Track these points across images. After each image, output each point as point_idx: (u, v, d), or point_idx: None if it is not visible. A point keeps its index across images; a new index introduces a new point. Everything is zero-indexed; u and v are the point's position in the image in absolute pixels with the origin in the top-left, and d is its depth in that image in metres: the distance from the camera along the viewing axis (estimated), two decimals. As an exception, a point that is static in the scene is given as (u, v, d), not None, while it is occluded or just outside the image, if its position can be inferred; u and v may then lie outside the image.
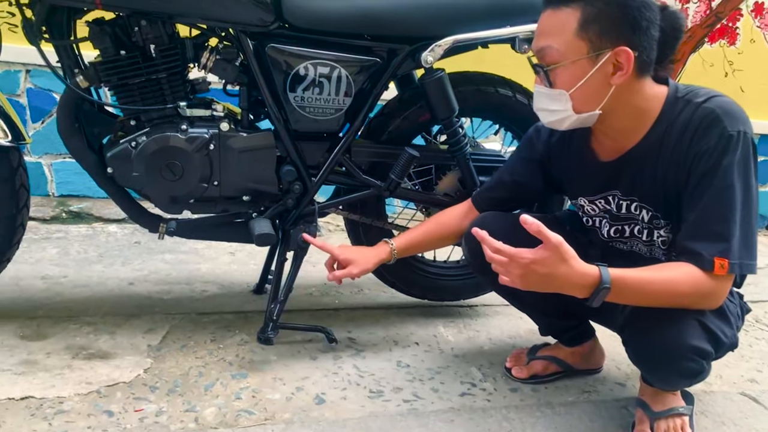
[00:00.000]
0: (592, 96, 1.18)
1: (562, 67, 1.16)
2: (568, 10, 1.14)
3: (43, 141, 2.40)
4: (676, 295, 1.14)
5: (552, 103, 1.20)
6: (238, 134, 1.50)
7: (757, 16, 3.05)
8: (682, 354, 1.17)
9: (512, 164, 1.51)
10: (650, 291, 1.14)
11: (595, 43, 1.13)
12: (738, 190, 1.12)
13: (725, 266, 1.11)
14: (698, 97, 1.18)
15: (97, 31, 1.39)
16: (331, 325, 1.71)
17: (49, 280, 1.87)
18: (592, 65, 1.14)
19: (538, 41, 1.19)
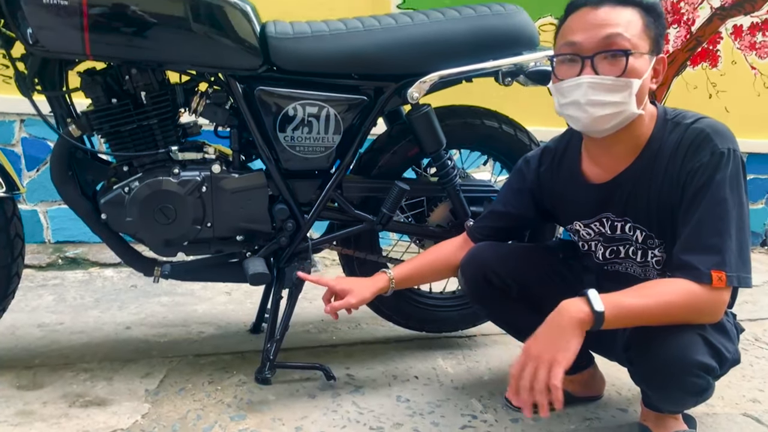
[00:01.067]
0: (644, 95, 1.21)
1: (634, 56, 1.16)
2: (630, 9, 1.19)
3: (38, 189, 2.42)
4: (673, 312, 1.15)
5: (611, 94, 1.17)
6: (230, 175, 1.52)
7: (737, 39, 3.11)
8: (687, 370, 1.17)
9: (504, 195, 1.53)
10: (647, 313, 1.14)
11: (653, 45, 1.20)
12: (731, 205, 1.15)
13: (723, 278, 1.12)
14: (687, 119, 1.23)
15: (89, 81, 1.42)
16: (330, 361, 1.70)
17: (45, 327, 1.86)
18: (649, 64, 1.19)
19: (602, 29, 1.16)
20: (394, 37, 1.51)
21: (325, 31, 1.49)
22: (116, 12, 1.32)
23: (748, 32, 3.12)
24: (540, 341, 1.14)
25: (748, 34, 3.13)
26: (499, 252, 1.47)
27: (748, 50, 3.15)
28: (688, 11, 3.00)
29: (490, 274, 1.44)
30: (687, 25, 3.01)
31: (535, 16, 2.65)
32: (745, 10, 3.09)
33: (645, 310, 1.14)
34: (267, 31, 1.47)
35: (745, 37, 3.13)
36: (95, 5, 1.30)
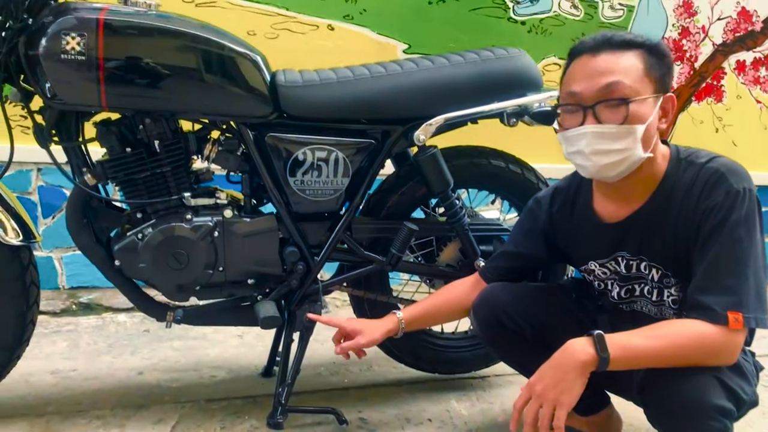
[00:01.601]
0: (649, 138, 1.20)
1: (635, 103, 1.16)
2: (631, 52, 1.19)
3: (53, 235, 2.46)
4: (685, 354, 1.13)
5: (614, 142, 1.17)
6: (242, 220, 1.54)
7: (740, 73, 3.15)
8: (704, 413, 1.14)
9: (515, 236, 1.53)
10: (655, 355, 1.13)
11: (659, 86, 1.19)
12: (746, 244, 1.14)
13: (740, 320, 1.11)
14: (700, 158, 1.23)
15: (104, 131, 1.46)
16: (342, 404, 1.69)
17: (58, 374, 1.87)
18: (653, 107, 1.19)
19: (601, 78, 1.17)
20: (400, 83, 1.55)
21: (333, 78, 1.53)
22: (131, 65, 1.37)
23: (752, 67, 3.16)
24: (544, 380, 1.14)
25: (752, 69, 3.16)
26: (511, 293, 1.46)
27: (752, 84, 3.18)
28: (690, 48, 3.04)
29: (503, 316, 1.43)
30: (690, 62, 3.05)
31: (538, 57, 2.71)
32: (747, 45, 3.13)
33: (653, 352, 1.13)
34: (277, 80, 1.51)
35: (749, 72, 3.16)
36: (111, 59, 1.35)
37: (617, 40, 1.21)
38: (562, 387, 1.11)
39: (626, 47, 1.19)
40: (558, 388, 1.11)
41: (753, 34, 3.12)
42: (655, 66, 1.19)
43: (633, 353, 1.13)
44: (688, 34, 3.02)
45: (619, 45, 1.20)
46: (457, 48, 2.60)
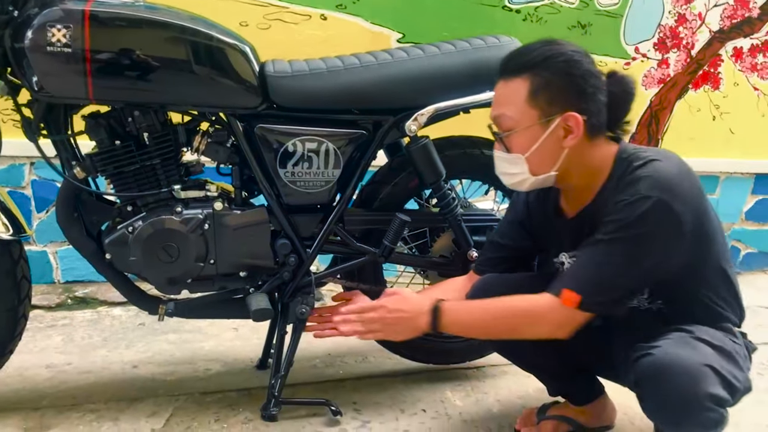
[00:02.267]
0: (547, 159, 1.24)
1: (516, 133, 1.24)
2: (518, 80, 1.21)
3: (48, 229, 2.45)
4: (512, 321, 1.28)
5: (510, 166, 1.27)
6: (232, 212, 1.53)
7: (738, 60, 3.12)
8: (700, 404, 1.15)
9: (501, 226, 1.55)
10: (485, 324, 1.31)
11: (545, 110, 1.21)
12: (620, 247, 1.17)
13: (574, 300, 1.19)
14: (638, 159, 1.22)
15: (93, 124, 1.45)
16: (336, 396, 1.69)
17: (53, 368, 1.87)
18: (543, 130, 1.21)
19: (493, 110, 1.28)
20: (390, 73, 1.53)
21: (322, 68, 1.52)
22: (118, 57, 1.36)
23: (749, 54, 3.13)
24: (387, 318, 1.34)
25: (749, 56, 3.14)
26: (503, 284, 1.45)
27: (749, 72, 3.16)
28: (687, 35, 3.02)
29: None
30: (687, 49, 3.03)
31: (533, 45, 2.69)
32: (744, 32, 3.10)
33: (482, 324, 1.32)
34: (266, 70, 1.50)
35: (746, 59, 3.14)
36: (98, 51, 1.33)
37: (512, 65, 1.24)
38: (389, 331, 1.35)
39: (517, 73, 1.22)
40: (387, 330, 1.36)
41: (750, 21, 3.09)
42: (544, 89, 1.20)
43: (463, 326, 1.34)
44: (685, 21, 2.99)
45: (511, 71, 1.23)
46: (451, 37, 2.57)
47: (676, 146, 3.10)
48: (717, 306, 1.29)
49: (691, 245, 1.20)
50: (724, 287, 1.30)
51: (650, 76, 3.00)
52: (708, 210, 1.23)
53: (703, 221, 1.21)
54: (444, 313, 1.30)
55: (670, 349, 1.17)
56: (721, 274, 1.29)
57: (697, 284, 1.28)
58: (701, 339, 1.21)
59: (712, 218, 1.25)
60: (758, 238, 3.36)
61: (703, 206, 1.22)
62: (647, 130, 3.06)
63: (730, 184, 3.25)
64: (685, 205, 1.16)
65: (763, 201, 3.33)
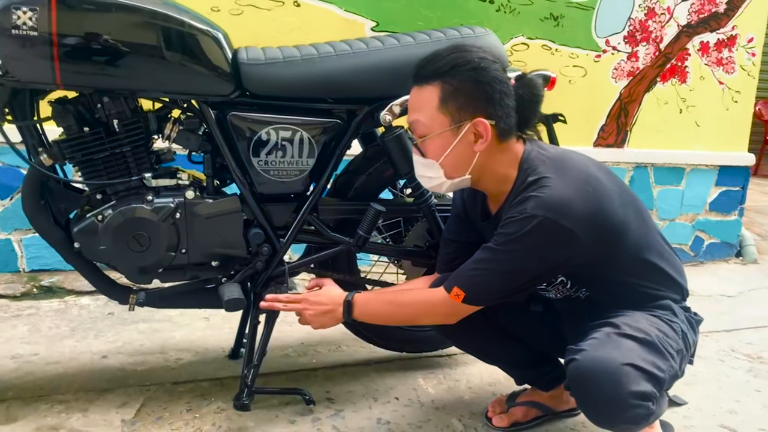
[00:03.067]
0: (460, 163, 1.28)
1: (429, 139, 1.28)
2: (429, 87, 1.25)
3: (13, 217, 2.39)
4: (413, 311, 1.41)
5: (427, 170, 1.32)
6: (204, 201, 1.51)
7: (704, 55, 3.19)
8: (625, 402, 1.18)
9: (448, 224, 1.57)
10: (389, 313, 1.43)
11: (455, 116, 1.24)
12: (501, 255, 1.25)
13: (460, 295, 1.30)
14: (534, 173, 1.27)
15: (60, 110, 1.41)
16: (310, 385, 1.69)
17: (19, 359, 1.83)
18: (455, 136, 1.25)
19: (409, 116, 1.32)
20: (365, 62, 1.53)
21: (296, 56, 1.51)
22: (86, 41, 1.32)
23: (715, 48, 3.21)
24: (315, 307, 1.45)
25: (715, 50, 3.21)
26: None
27: (715, 66, 3.23)
28: (656, 29, 3.07)
29: None
30: (656, 43, 3.09)
31: (506, 37, 2.70)
32: (710, 27, 3.17)
33: (389, 315, 1.45)
34: (239, 57, 1.48)
35: (712, 53, 3.21)
36: (65, 35, 1.30)
37: (423, 73, 1.27)
38: (316, 319, 1.46)
39: (428, 80, 1.26)
40: (315, 318, 1.46)
41: (716, 16, 3.16)
42: (452, 96, 1.23)
43: (372, 316, 1.45)
44: (654, 14, 3.04)
45: (423, 79, 1.27)
46: (425, 26, 2.58)
47: (643, 138, 3.17)
48: (647, 288, 1.35)
49: (592, 246, 1.23)
50: (652, 272, 1.35)
51: (620, 68, 3.05)
52: (611, 210, 1.26)
53: (603, 224, 1.24)
54: (355, 305, 1.42)
55: (592, 352, 1.22)
56: (641, 261, 1.33)
57: (614, 273, 1.33)
58: (625, 334, 1.24)
59: (619, 214, 1.27)
60: (721, 229, 3.46)
61: (604, 209, 1.25)
62: (616, 122, 3.11)
63: (695, 175, 3.33)
64: (575, 218, 1.20)
65: (727, 192, 3.42)
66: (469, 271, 1.31)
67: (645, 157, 3.19)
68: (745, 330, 2.36)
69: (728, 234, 3.49)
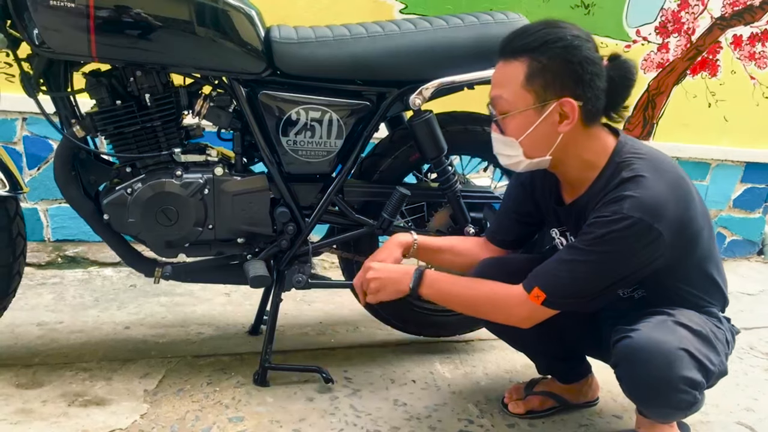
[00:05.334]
0: (541, 143, 1.24)
1: (511, 116, 1.23)
2: (516, 62, 1.20)
3: (39, 187, 2.42)
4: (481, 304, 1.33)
5: (506, 148, 1.27)
6: (232, 178, 1.53)
7: (736, 48, 3.13)
8: (674, 386, 1.19)
9: (511, 190, 1.53)
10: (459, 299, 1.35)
11: (540, 95, 1.20)
12: (594, 258, 1.19)
13: (540, 297, 1.23)
14: (629, 168, 1.22)
15: (94, 82, 1.43)
16: (328, 364, 1.71)
17: (44, 326, 1.87)
18: (538, 115, 1.21)
19: (491, 91, 1.27)
20: (397, 44, 1.52)
21: (329, 36, 1.50)
22: (122, 15, 1.33)
23: (748, 42, 3.14)
24: (379, 278, 1.37)
25: (748, 44, 3.14)
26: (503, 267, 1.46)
27: (747, 60, 3.17)
28: (688, 20, 3.01)
29: None
30: (687, 34, 3.03)
31: (536, 23, 2.66)
32: (744, 20, 3.10)
33: (457, 298, 1.35)
34: (271, 36, 1.48)
35: (745, 47, 3.14)
36: (102, 8, 1.31)
37: (511, 47, 1.22)
38: (382, 291, 1.37)
39: (515, 55, 1.21)
40: (380, 290, 1.37)
41: (751, 9, 3.09)
42: (540, 73, 1.18)
43: (440, 294, 1.35)
44: (687, 5, 2.98)
45: (510, 53, 1.22)
46: (454, 10, 2.55)
47: (670, 132, 3.12)
48: (699, 299, 1.33)
49: (671, 251, 1.21)
50: (707, 282, 1.34)
51: (650, 59, 3.00)
52: (694, 217, 1.24)
53: (685, 229, 1.22)
54: (425, 278, 1.34)
55: (647, 332, 1.21)
56: (702, 273, 1.32)
57: (676, 280, 1.30)
58: (680, 323, 1.24)
59: (699, 222, 1.26)
60: (744, 226, 3.42)
61: (689, 215, 1.23)
62: (643, 114, 3.07)
63: (721, 171, 3.28)
64: (667, 221, 1.17)
65: (752, 189, 3.37)
66: (552, 271, 1.24)
67: (671, 150, 3.14)
68: (764, 328, 2.34)
69: (751, 231, 3.45)
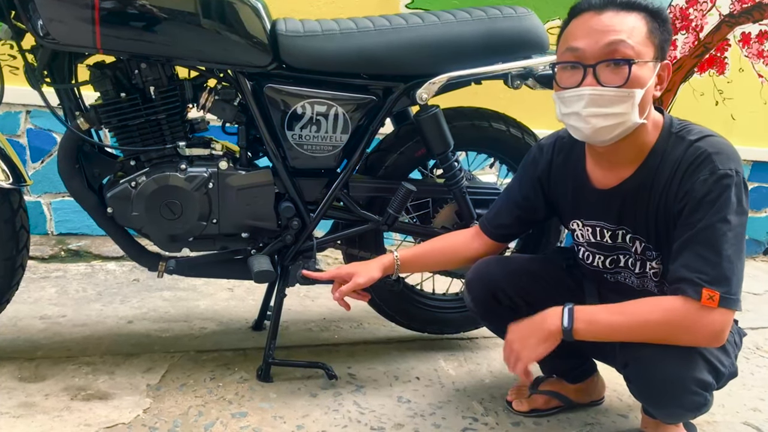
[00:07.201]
0: (647, 104, 1.19)
1: (638, 64, 1.13)
2: (635, 14, 1.16)
3: (43, 180, 2.42)
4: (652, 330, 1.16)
5: (613, 105, 1.15)
6: (237, 172, 1.51)
7: (745, 46, 3.11)
8: (685, 387, 1.17)
9: (513, 184, 1.50)
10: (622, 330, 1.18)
11: (658, 51, 1.17)
12: (728, 226, 1.14)
13: (715, 298, 1.11)
14: (691, 134, 1.20)
15: (98, 74, 1.42)
16: (331, 360, 1.70)
17: (47, 319, 1.86)
18: (653, 71, 1.17)
19: (606, 36, 1.13)
20: (404, 38, 1.50)
21: (335, 30, 1.49)
22: (128, 6, 1.32)
23: (756, 40, 3.12)
24: (517, 333, 1.27)
25: (756, 42, 3.12)
26: (505, 268, 1.46)
27: (755, 58, 3.15)
28: (696, 17, 2.99)
29: (499, 293, 1.43)
30: (695, 32, 3.01)
31: (544, 18, 2.65)
32: (753, 18, 3.08)
33: (618, 327, 1.18)
34: (277, 29, 1.47)
35: (753, 45, 3.12)
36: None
37: (629, 1, 1.17)
38: (527, 345, 1.24)
39: (631, 8, 1.16)
40: (524, 344, 1.24)
41: (760, 6, 3.07)
42: (657, 31, 1.17)
43: (598, 328, 1.19)
44: (696, 2, 2.96)
45: (624, 5, 1.16)
46: (460, 4, 2.54)
47: (676, 129, 3.10)
48: None
49: None
50: None
51: (657, 57, 2.98)
52: None
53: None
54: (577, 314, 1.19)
55: None
56: None
57: None
58: None
59: None
60: (750, 225, 3.38)
61: None
62: (650, 111, 3.05)
63: (727, 170, 3.26)
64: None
65: (759, 188, 3.35)
66: (703, 261, 1.13)
67: (677, 148, 3.12)
68: (770, 329, 2.32)
69: (757, 231, 3.43)
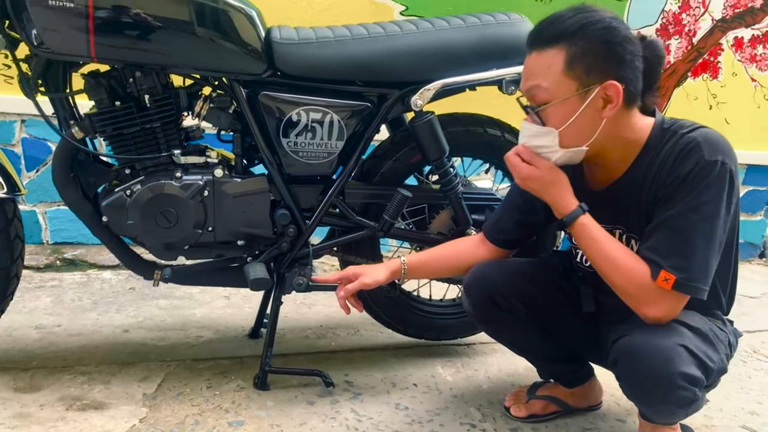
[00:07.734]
0: (583, 131, 1.21)
1: (552, 106, 1.19)
2: (552, 50, 1.17)
3: (38, 189, 2.41)
4: (616, 273, 1.22)
5: (540, 139, 1.23)
6: (232, 180, 1.51)
7: (738, 51, 3.13)
8: (673, 382, 1.17)
9: (514, 189, 1.50)
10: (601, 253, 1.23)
11: (583, 80, 1.17)
12: (700, 215, 1.15)
13: (670, 281, 1.15)
14: (683, 128, 1.22)
15: (93, 83, 1.42)
16: (328, 367, 1.69)
17: (43, 329, 1.85)
18: (581, 102, 1.18)
19: (526, 82, 1.23)
20: (398, 45, 1.51)
21: (330, 37, 1.49)
22: (122, 15, 1.32)
23: (749, 44, 3.14)
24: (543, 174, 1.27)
25: (749, 47, 3.14)
26: (503, 272, 1.46)
27: (748, 62, 3.17)
28: (689, 23, 3.01)
29: (497, 297, 1.43)
30: (688, 37, 3.03)
31: (537, 25, 2.66)
32: (746, 22, 3.10)
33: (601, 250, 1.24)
34: (272, 37, 1.47)
35: (746, 50, 3.14)
36: (101, 8, 1.30)
37: (545, 35, 1.19)
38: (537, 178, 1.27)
39: (551, 43, 1.18)
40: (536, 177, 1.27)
41: (752, 11, 3.09)
42: (580, 58, 1.16)
43: (586, 238, 1.25)
44: (688, 7, 2.98)
45: (545, 41, 1.19)
46: (455, 11, 2.55)
47: (671, 134, 3.11)
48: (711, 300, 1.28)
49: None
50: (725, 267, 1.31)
51: (650, 62, 2.99)
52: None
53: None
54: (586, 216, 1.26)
55: (645, 329, 1.20)
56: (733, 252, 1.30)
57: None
58: (679, 321, 1.22)
59: None
60: (745, 229, 3.40)
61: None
62: (644, 116, 3.06)
63: (722, 173, 3.27)
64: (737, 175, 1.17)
65: (753, 192, 3.37)
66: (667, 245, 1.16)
67: (671, 153, 3.14)
68: (767, 332, 2.33)
69: (753, 234, 3.44)
